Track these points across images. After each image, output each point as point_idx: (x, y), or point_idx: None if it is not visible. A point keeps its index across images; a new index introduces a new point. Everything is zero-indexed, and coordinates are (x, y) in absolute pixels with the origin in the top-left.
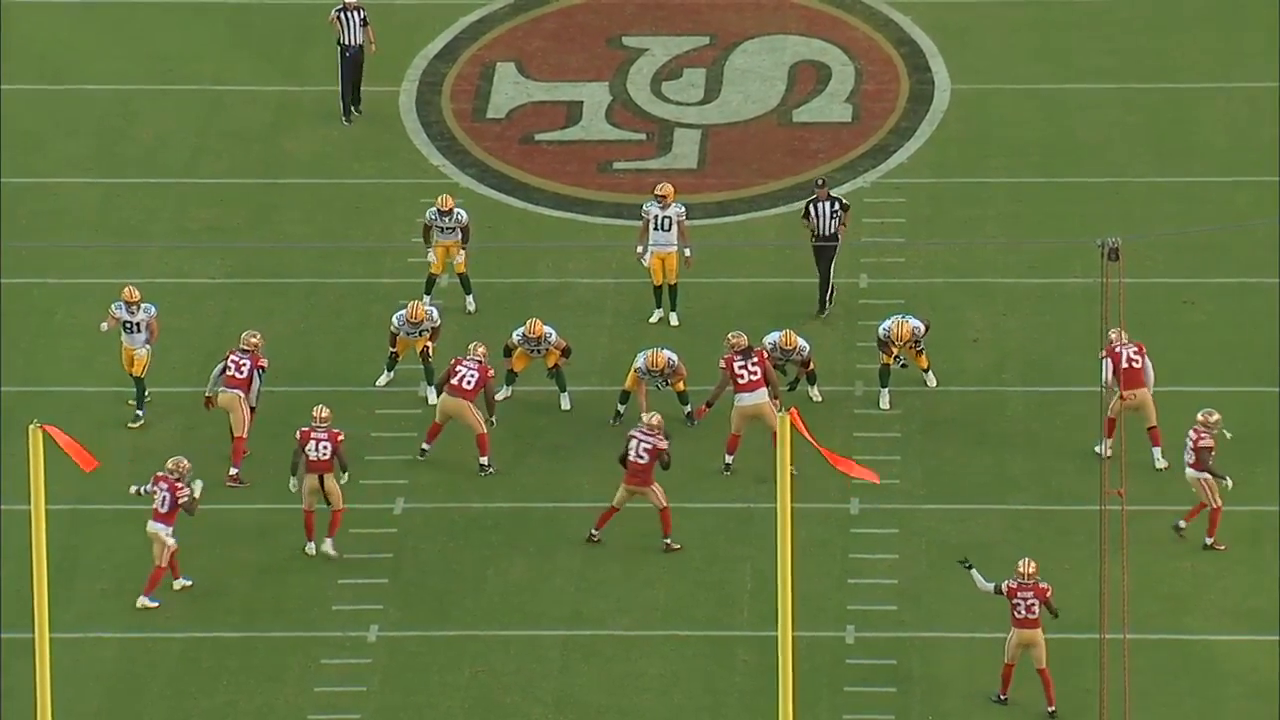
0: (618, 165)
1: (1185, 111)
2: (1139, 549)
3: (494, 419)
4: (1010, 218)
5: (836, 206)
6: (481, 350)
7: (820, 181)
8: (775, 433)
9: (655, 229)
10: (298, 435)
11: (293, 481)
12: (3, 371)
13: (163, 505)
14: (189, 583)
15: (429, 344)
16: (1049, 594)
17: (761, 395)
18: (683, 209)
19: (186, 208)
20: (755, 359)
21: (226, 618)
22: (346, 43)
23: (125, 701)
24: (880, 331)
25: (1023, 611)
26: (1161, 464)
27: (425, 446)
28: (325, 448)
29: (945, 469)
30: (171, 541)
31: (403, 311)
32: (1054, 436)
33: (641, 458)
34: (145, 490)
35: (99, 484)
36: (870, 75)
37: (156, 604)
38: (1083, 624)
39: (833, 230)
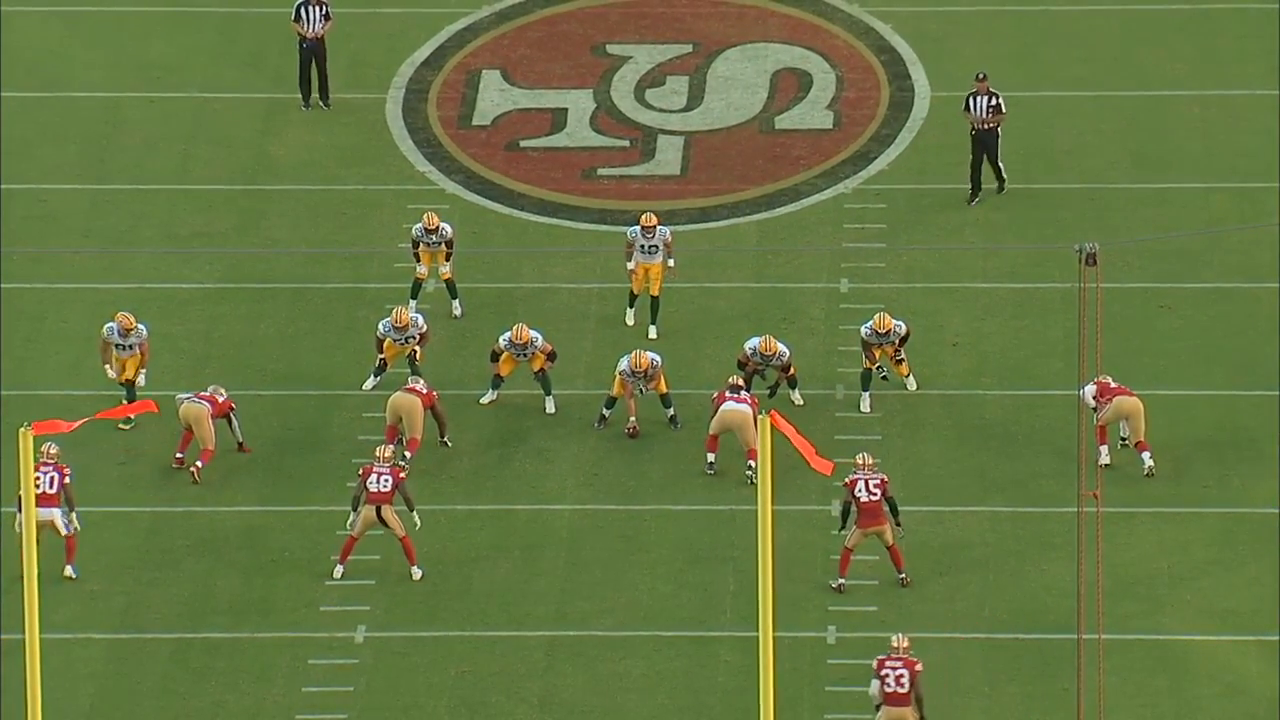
0: (602, 171)
1: (1161, 118)
2: (1115, 550)
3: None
4: (989, 224)
5: (995, 101)
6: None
7: (981, 75)
8: (751, 449)
9: (640, 251)
10: (359, 472)
11: (352, 518)
12: None
13: (50, 486)
14: (75, 575)
15: (417, 349)
16: (918, 667)
17: (745, 406)
18: (668, 232)
19: (175, 213)
20: (748, 397)
21: (215, 618)
22: (305, 33)
23: (115, 701)
24: (863, 331)
25: (892, 684)
26: (1150, 465)
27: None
28: (386, 480)
29: (925, 471)
30: (66, 528)
31: (388, 319)
32: (1032, 439)
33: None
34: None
35: (88, 486)
36: (851, 83)
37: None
38: (1060, 625)
39: (992, 124)
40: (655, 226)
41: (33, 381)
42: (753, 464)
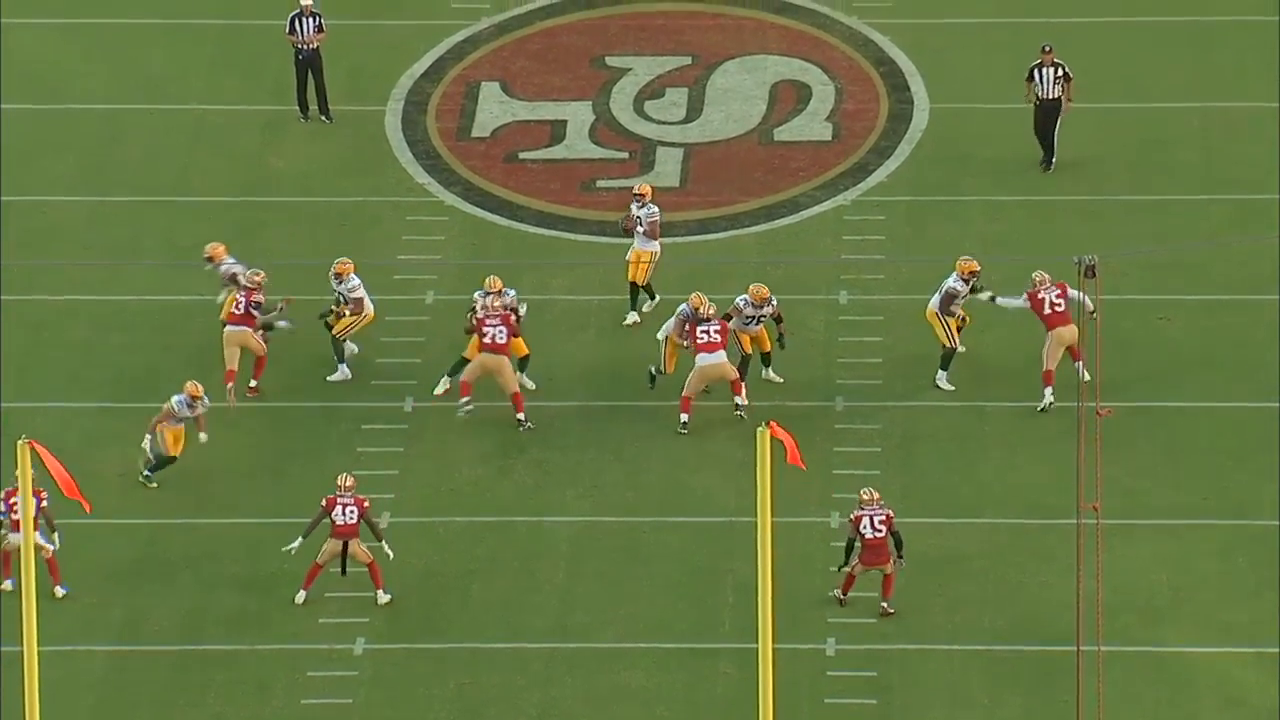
0: (601, 183)
1: (1160, 130)
2: (1115, 562)
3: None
4: (988, 236)
5: (1060, 72)
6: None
7: (1046, 47)
8: (735, 383)
9: (637, 230)
10: (323, 502)
11: (296, 544)
12: None
13: (350, 516)
14: (64, 592)
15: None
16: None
17: (721, 356)
18: (655, 210)
19: (175, 225)
20: (718, 325)
21: (214, 630)
22: (300, 45)
23: (114, 714)
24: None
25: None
26: (1085, 376)
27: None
28: (351, 512)
29: (924, 482)
30: (49, 547)
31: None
32: (1031, 451)
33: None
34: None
35: (88, 497)
36: (850, 95)
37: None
38: (1059, 637)
39: (1055, 94)
40: (647, 198)
41: (32, 393)
42: (739, 399)
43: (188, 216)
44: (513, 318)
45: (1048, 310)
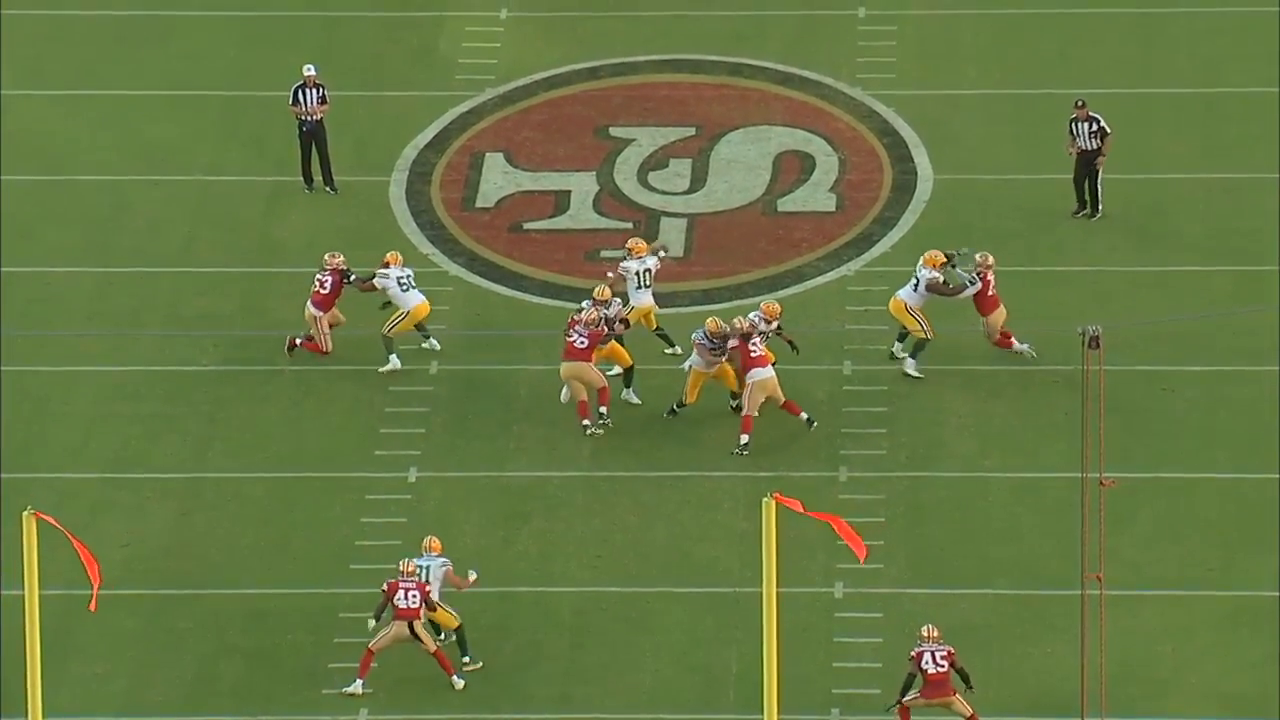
0: (605, 253)
1: (1163, 201)
2: (1118, 633)
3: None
4: None
5: (1095, 126)
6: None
7: (1080, 102)
8: (788, 402)
9: (638, 287)
10: (385, 586)
11: (373, 625)
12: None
13: (413, 600)
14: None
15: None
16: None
17: (769, 369)
18: (655, 260)
19: (179, 295)
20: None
21: (218, 701)
22: (304, 117)
23: None
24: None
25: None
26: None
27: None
28: (414, 596)
29: (929, 553)
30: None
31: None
32: (1035, 521)
33: None
34: None
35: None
36: (854, 165)
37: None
38: (1063, 707)
39: (1094, 146)
40: (642, 252)
41: (36, 465)
42: (803, 415)
43: (192, 287)
44: (603, 332)
45: (991, 291)
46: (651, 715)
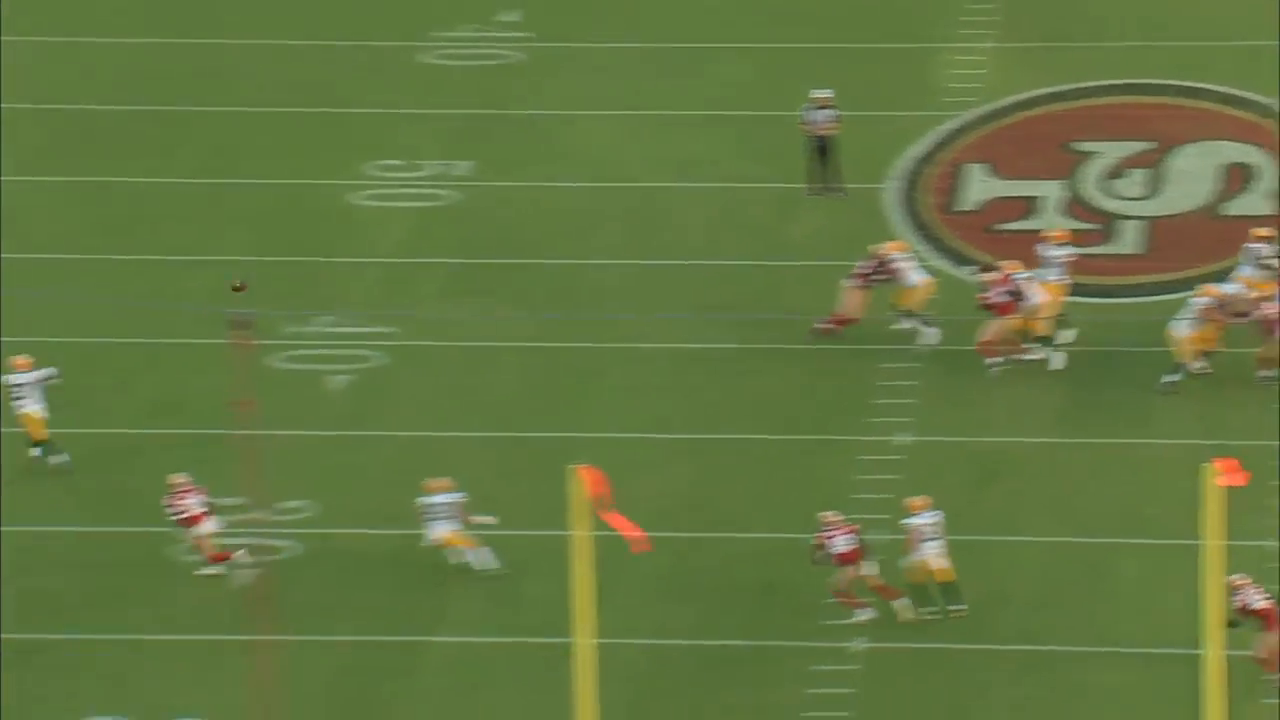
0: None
1: None
2: None
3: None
4: None
5: None
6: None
7: None
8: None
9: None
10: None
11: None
12: None
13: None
14: None
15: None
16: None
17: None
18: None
19: (707, 285)
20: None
21: (730, 630)
22: (814, 133)
23: None
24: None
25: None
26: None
27: None
28: (847, 540)
29: None
30: None
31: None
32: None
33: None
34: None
35: None
36: None
37: None
38: None
39: None
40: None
41: (582, 426)
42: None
43: (716, 277)
44: (1012, 284)
45: None
46: (1107, 649)
